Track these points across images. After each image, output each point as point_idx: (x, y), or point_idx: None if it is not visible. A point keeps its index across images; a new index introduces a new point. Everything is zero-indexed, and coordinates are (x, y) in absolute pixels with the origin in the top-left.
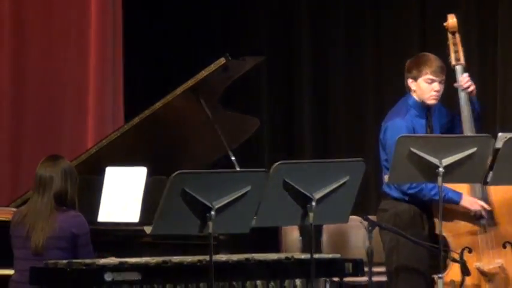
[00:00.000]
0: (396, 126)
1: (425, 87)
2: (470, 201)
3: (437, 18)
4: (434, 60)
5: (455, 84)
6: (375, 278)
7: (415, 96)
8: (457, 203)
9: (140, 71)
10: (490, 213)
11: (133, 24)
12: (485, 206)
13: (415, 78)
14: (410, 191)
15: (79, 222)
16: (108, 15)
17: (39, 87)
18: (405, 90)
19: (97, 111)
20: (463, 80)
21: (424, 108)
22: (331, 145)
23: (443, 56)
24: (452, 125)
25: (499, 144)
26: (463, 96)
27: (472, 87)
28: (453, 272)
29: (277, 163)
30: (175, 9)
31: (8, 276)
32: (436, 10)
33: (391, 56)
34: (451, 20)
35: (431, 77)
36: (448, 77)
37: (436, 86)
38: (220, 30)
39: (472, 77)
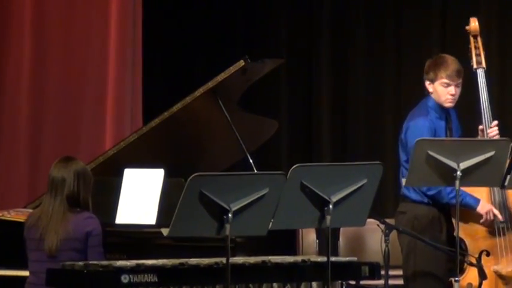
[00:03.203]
0: (418, 126)
1: (441, 91)
2: (486, 209)
3: (459, 22)
4: (451, 63)
5: (481, 127)
6: (392, 281)
7: (433, 98)
8: (474, 209)
9: (159, 72)
10: (509, 216)
11: (153, 26)
12: (499, 217)
13: (432, 81)
14: (430, 193)
15: (92, 223)
16: (128, 16)
17: (58, 88)
18: (424, 92)
19: (116, 113)
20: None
21: (444, 111)
22: (349, 148)
23: (464, 59)
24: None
25: None
26: (485, 100)
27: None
28: (470, 275)
29: (295, 166)
30: (196, 10)
31: (24, 278)
32: (458, 14)
33: (411, 58)
34: (473, 24)
35: (446, 81)
36: (469, 80)
37: (452, 90)
38: (240, 32)
39: (492, 80)
